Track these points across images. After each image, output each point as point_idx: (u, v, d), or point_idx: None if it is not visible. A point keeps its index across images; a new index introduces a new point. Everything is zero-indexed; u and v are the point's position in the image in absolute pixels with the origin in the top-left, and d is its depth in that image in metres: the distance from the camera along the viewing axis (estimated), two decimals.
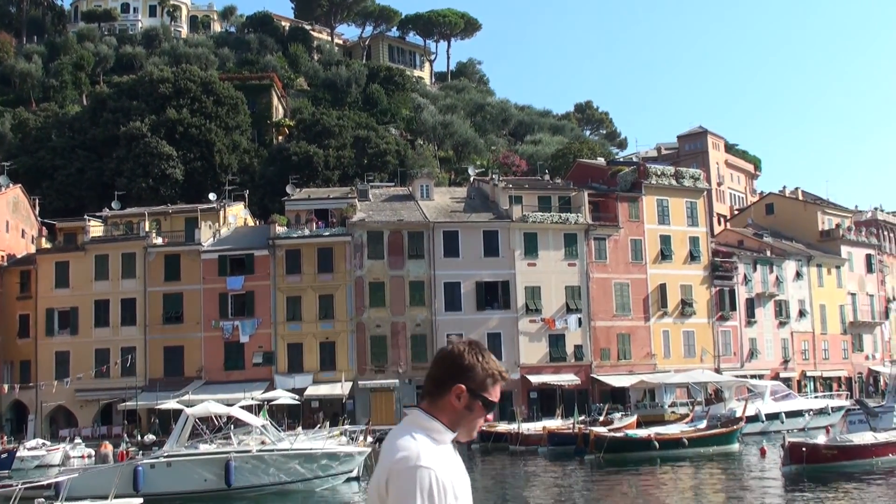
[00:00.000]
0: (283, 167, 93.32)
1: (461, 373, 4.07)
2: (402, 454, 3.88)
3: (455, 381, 4.04)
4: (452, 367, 4.09)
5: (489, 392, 4.11)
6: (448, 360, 4.12)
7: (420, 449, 3.89)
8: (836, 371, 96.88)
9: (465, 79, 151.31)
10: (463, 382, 4.05)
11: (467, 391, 4.03)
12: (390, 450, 3.95)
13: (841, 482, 31.39)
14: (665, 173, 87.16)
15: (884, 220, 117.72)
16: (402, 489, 3.82)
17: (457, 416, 4.04)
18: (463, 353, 4.12)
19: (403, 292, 75.62)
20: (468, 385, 4.06)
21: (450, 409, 4.04)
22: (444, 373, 4.10)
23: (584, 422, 57.00)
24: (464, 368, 4.07)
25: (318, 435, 40.12)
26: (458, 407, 4.03)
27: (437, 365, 4.16)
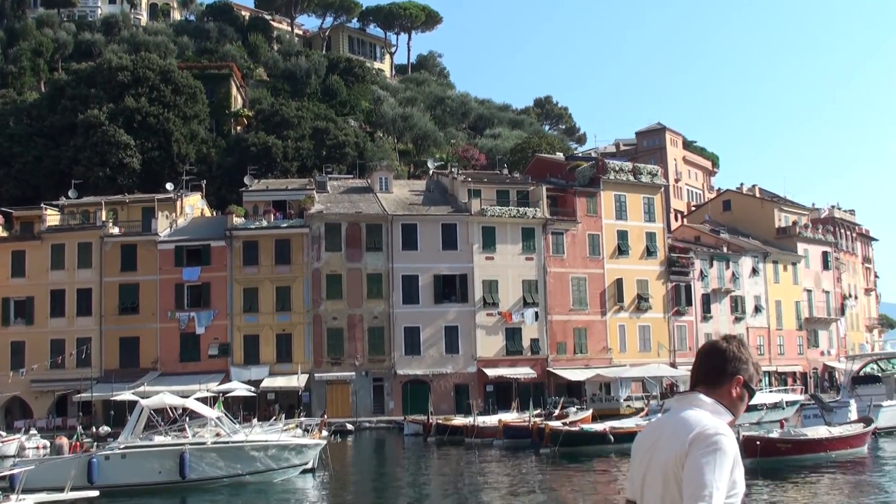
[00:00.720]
0: (241, 158, 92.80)
1: (739, 366, 4.48)
2: (706, 424, 4.21)
3: (735, 373, 4.44)
4: (732, 361, 4.49)
5: (755, 384, 4.53)
6: (727, 354, 4.51)
7: (717, 421, 4.26)
8: (792, 366, 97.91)
9: (425, 72, 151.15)
10: (740, 374, 4.47)
11: (743, 382, 4.46)
12: (686, 422, 4.29)
13: (795, 475, 31.70)
14: (623, 169, 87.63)
15: (840, 217, 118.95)
16: (712, 453, 4.11)
17: (732, 403, 4.44)
18: (739, 349, 4.53)
19: (361, 285, 75.55)
20: (743, 377, 4.48)
21: (727, 396, 4.44)
22: (725, 365, 4.49)
23: (540, 415, 57.09)
24: (741, 362, 4.49)
25: (274, 427, 40.02)
26: (735, 396, 4.44)
27: (715, 357, 4.55)
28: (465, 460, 43.97)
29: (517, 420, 55.79)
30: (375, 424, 70.68)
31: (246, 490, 31.82)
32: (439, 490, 32.98)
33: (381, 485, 37.05)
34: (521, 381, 76.22)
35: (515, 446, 47.47)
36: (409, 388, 75.24)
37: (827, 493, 28.20)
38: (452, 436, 54.93)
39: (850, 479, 31.26)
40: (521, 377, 76.51)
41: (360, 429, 68.54)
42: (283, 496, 31.06)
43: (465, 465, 41.82)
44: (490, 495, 30.49)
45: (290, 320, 74.30)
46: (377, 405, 74.92)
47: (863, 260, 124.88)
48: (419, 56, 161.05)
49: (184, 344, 73.40)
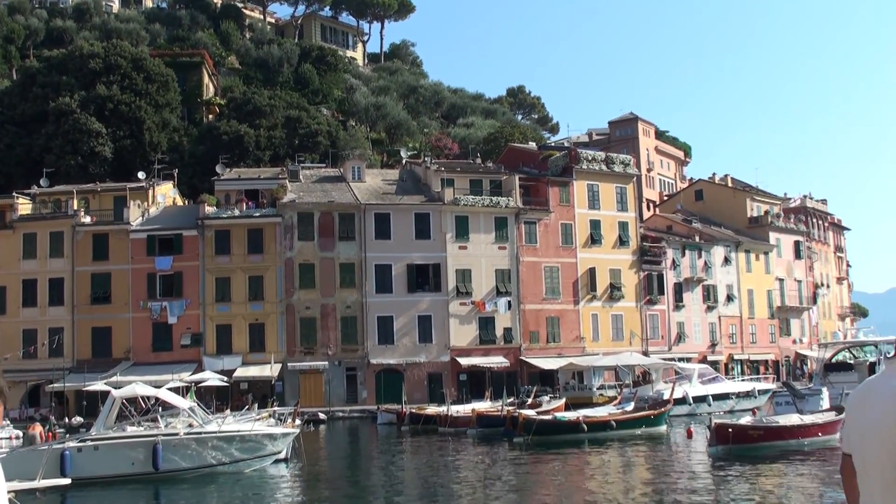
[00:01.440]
0: (213, 146, 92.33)
1: None
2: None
3: None
4: None
5: None
6: None
7: None
8: (764, 354, 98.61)
9: (398, 60, 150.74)
10: None
11: None
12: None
13: (766, 462, 31.87)
14: (596, 159, 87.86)
15: (812, 207, 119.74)
16: None
17: None
18: None
19: (334, 274, 75.47)
20: None
21: None
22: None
23: (513, 404, 57.24)
24: None
25: (247, 417, 39.94)
26: None
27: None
28: (438, 449, 43.99)
29: (490, 409, 55.88)
30: (349, 414, 70.65)
31: (219, 480, 31.72)
32: (413, 479, 33.00)
33: (355, 474, 37.04)
34: (494, 370, 76.38)
35: (489, 435, 47.51)
36: (382, 377, 75.26)
37: (798, 480, 28.36)
38: (426, 425, 54.96)
39: (821, 466, 31.43)
40: (495, 366, 76.68)
41: (334, 418, 68.49)
42: (256, 486, 30.99)
43: (438, 455, 41.84)
44: (464, 484, 30.53)
45: (263, 310, 74.16)
46: (350, 394, 74.90)
47: (835, 249, 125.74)
48: (392, 45, 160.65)
49: (156, 334, 73.18)
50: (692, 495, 25.77)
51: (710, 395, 62.16)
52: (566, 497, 27.39)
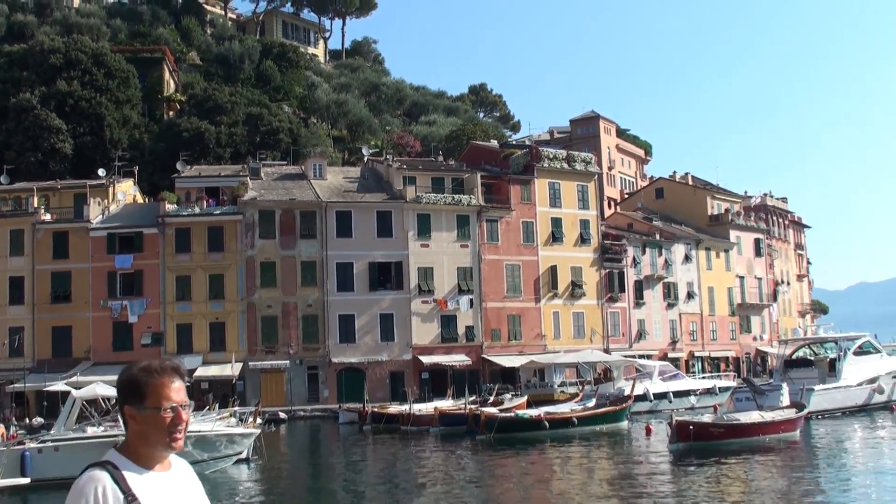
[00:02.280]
0: (173, 143, 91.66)
1: None
2: None
3: None
4: None
5: None
6: None
7: None
8: (724, 351, 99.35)
9: (359, 58, 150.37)
10: None
11: None
12: None
13: (727, 459, 32.07)
14: (557, 157, 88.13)
15: (773, 205, 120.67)
16: None
17: None
18: None
19: (295, 272, 75.25)
20: None
21: None
22: None
23: (475, 402, 57.36)
24: None
25: (207, 417, 39.75)
26: None
27: None
28: (400, 448, 43.99)
29: (453, 407, 56.01)
30: (310, 413, 70.48)
31: None
32: (375, 478, 32.99)
33: (316, 473, 36.99)
34: (456, 368, 76.46)
35: (451, 433, 47.61)
36: (343, 375, 75.15)
37: (760, 477, 28.59)
38: (388, 423, 54.92)
39: (782, 463, 31.72)
40: (457, 364, 76.77)
41: (295, 417, 68.33)
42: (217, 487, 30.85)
43: (400, 453, 41.85)
44: (426, 482, 30.55)
45: (224, 308, 73.83)
46: (312, 393, 74.73)
47: (795, 247, 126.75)
48: (354, 42, 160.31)
49: (116, 333, 72.60)
50: (653, 492, 25.91)
51: (670, 391, 62.52)
52: (528, 494, 27.49)
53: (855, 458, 33.29)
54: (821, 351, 57.91)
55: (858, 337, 57.23)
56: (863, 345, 56.09)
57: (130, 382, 3.96)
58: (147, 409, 3.89)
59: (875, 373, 53.91)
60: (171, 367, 4.01)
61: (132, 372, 3.99)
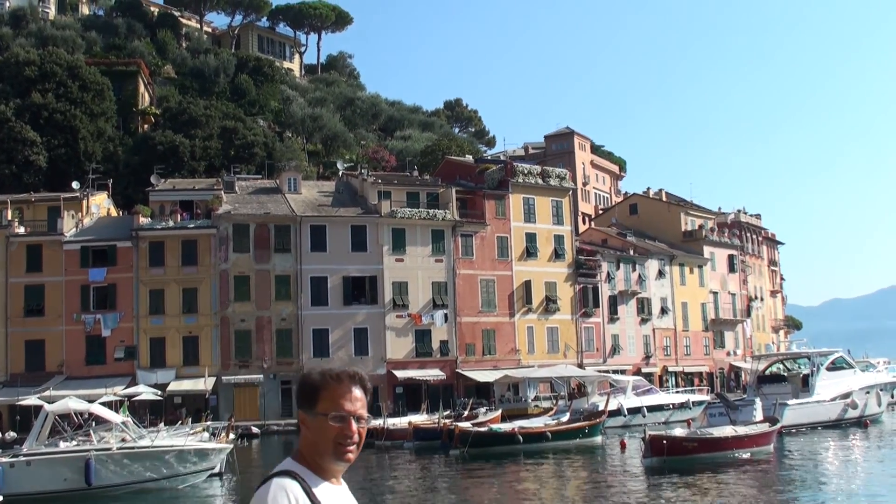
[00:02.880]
0: (148, 156, 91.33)
1: None
2: None
3: None
4: None
5: None
6: None
7: None
8: (698, 367, 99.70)
9: (335, 72, 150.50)
10: None
11: None
12: None
13: (701, 473, 32.16)
14: (532, 172, 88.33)
15: (746, 221, 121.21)
16: None
17: None
18: None
19: (269, 286, 75.06)
20: None
21: None
22: None
23: (449, 416, 57.36)
24: None
25: (180, 431, 39.59)
26: None
27: None
28: (375, 462, 43.90)
29: (427, 422, 55.99)
30: (284, 427, 70.16)
31: (152, 496, 31.41)
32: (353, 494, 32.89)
33: None
34: (430, 383, 76.43)
35: (425, 448, 47.60)
36: None
37: (733, 491, 28.66)
38: None
39: (755, 477, 31.85)
40: (431, 379, 76.72)
41: (268, 432, 68.08)
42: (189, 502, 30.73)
43: (374, 468, 41.76)
44: (400, 497, 30.49)
45: (197, 322, 73.51)
46: (285, 408, 74.35)
47: (769, 263, 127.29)
48: (329, 56, 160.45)
49: (90, 347, 72.07)
50: None
51: (644, 406, 62.67)
52: None
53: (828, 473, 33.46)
54: (794, 366, 58.21)
55: (832, 352, 57.56)
56: (836, 360, 56.41)
57: (305, 385, 3.82)
58: (317, 415, 3.75)
59: (848, 388, 54.25)
60: (351, 374, 3.84)
61: (311, 375, 3.85)
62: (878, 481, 29.93)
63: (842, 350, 59.86)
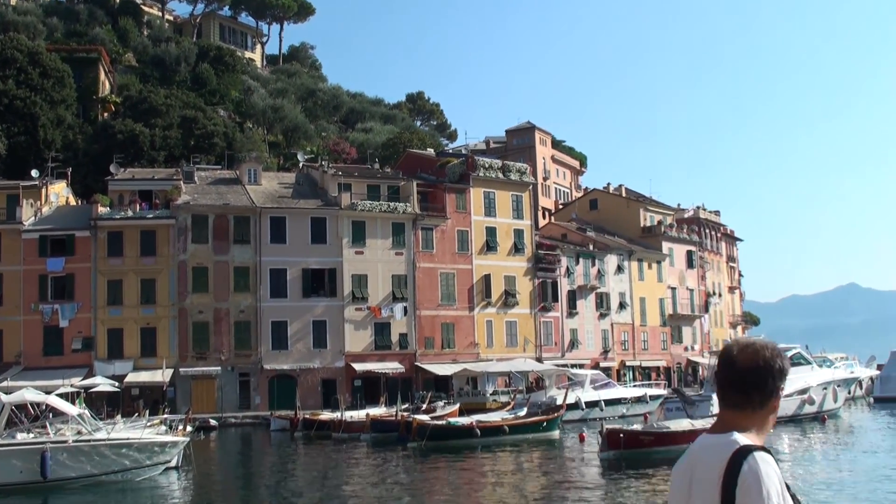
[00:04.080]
0: (107, 145, 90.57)
1: None
2: None
3: None
4: None
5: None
6: None
7: None
8: (656, 361, 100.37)
9: (296, 63, 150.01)
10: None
11: None
12: None
13: (657, 467, 32.42)
14: (493, 166, 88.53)
15: (705, 218, 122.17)
16: None
17: None
18: None
19: (228, 278, 74.85)
20: None
21: None
22: None
23: (407, 409, 57.46)
24: None
25: (137, 424, 39.41)
26: None
27: None
28: (332, 455, 43.93)
29: (385, 414, 56.03)
30: (241, 420, 70.12)
31: (108, 489, 31.27)
32: (305, 485, 32.92)
33: (247, 481, 36.81)
34: (389, 376, 76.53)
35: (383, 441, 47.67)
36: (275, 383, 74.85)
37: None
38: (320, 431, 54.83)
39: None
40: (390, 372, 76.84)
41: (226, 425, 67.91)
42: (145, 495, 30.65)
43: (331, 460, 41.79)
44: (357, 489, 30.56)
45: (155, 313, 73.17)
46: (243, 400, 74.30)
47: (727, 259, 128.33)
48: (291, 47, 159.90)
49: (47, 337, 71.62)
50: (583, 499, 26.14)
51: (602, 400, 63.03)
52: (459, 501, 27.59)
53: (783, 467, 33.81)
54: None
55: (789, 348, 57.89)
56: (793, 356, 56.78)
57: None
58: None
59: (805, 384, 54.72)
60: None
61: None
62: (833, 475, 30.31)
63: (799, 346, 60.32)
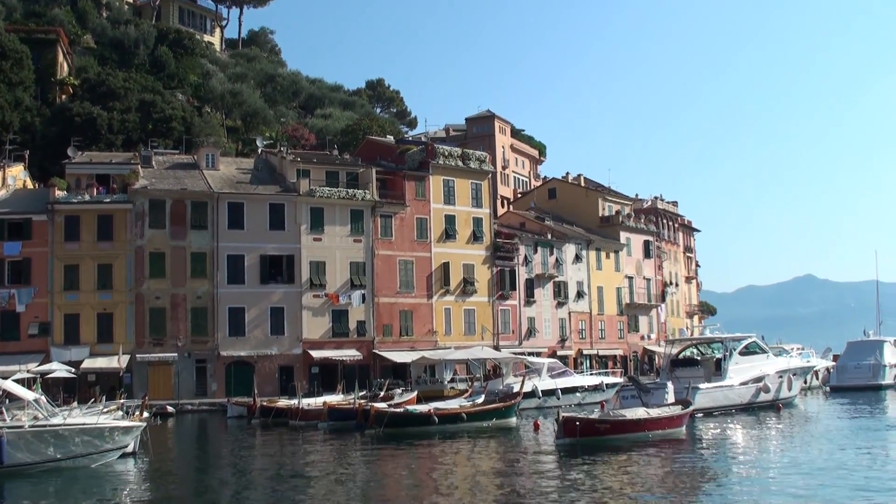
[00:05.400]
0: (65, 128, 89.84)
1: None
2: None
3: None
4: None
5: None
6: None
7: None
8: (612, 350, 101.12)
9: (256, 48, 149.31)
10: None
11: None
12: None
13: (612, 454, 32.66)
14: (452, 154, 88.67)
15: (663, 208, 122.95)
16: None
17: None
18: None
19: (185, 264, 74.58)
20: None
21: None
22: None
23: (365, 397, 57.48)
24: None
25: (94, 410, 39.18)
26: None
27: None
28: (288, 442, 43.91)
29: (342, 402, 56.11)
30: (198, 407, 69.90)
31: (65, 475, 31.13)
32: (262, 472, 32.90)
33: (203, 468, 36.74)
34: (346, 363, 76.58)
35: (340, 428, 47.71)
36: (232, 369, 74.70)
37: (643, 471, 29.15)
38: (277, 418, 54.76)
39: (666, 458, 32.38)
40: (347, 359, 76.88)
41: (183, 411, 67.69)
42: (102, 481, 30.51)
43: (288, 448, 41.77)
44: (313, 477, 30.58)
45: (112, 299, 72.77)
46: (200, 387, 74.07)
47: (684, 249, 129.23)
48: (250, 31, 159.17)
49: (3, 322, 71.12)
50: (538, 486, 26.30)
51: (559, 388, 63.29)
52: (416, 488, 27.69)
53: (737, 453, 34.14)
54: (708, 351, 59.12)
55: (745, 338, 58.48)
56: (749, 345, 57.38)
57: None
58: None
59: (761, 372, 55.26)
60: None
61: None
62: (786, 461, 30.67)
63: (755, 335, 60.87)
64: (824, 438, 38.06)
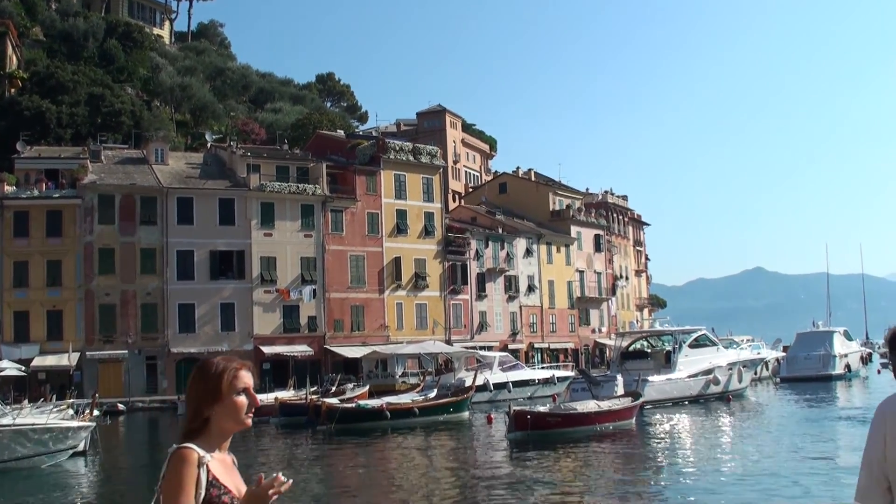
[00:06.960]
0: (14, 122, 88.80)
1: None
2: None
3: None
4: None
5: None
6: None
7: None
8: (563, 343, 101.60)
9: (205, 41, 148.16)
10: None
11: None
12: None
13: (563, 447, 32.92)
14: (403, 149, 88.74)
15: (613, 202, 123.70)
16: None
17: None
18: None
19: (134, 259, 74.09)
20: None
21: None
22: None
23: (317, 392, 57.47)
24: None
25: (44, 409, 38.92)
26: None
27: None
28: (240, 439, 43.79)
29: (294, 398, 55.95)
30: (149, 404, 69.45)
31: (14, 475, 30.89)
32: None
33: (154, 466, 36.57)
34: (298, 359, 76.47)
35: (292, 424, 47.65)
36: (183, 366, 74.20)
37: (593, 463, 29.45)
38: None
39: (616, 450, 32.72)
40: (299, 355, 76.78)
41: (133, 409, 67.24)
42: (51, 481, 30.33)
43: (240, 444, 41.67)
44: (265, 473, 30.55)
45: (61, 296, 72.19)
46: (150, 384, 73.66)
47: (634, 243, 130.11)
48: (200, 24, 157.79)
49: None
50: (490, 478, 26.50)
51: (510, 382, 63.56)
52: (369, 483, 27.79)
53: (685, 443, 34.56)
54: (658, 343, 59.59)
55: (694, 330, 58.99)
56: (699, 338, 57.85)
57: None
58: None
59: (710, 364, 55.73)
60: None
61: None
62: (732, 450, 31.09)
63: (705, 328, 61.39)
64: (773, 428, 38.59)
